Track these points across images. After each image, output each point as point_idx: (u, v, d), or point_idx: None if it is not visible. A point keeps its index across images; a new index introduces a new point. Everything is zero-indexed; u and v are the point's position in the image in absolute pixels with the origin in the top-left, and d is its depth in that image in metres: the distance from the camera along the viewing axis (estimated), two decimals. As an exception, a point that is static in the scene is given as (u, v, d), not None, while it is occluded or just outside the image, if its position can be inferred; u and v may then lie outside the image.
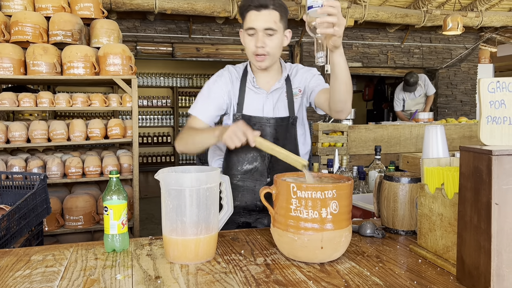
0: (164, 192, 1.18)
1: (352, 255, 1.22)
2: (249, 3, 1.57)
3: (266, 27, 1.57)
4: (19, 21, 3.27)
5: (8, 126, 3.29)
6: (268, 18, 1.56)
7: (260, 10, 1.56)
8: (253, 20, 1.57)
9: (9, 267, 1.15)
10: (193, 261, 1.16)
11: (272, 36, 1.59)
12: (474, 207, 0.95)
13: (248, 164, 1.70)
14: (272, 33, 1.58)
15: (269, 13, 1.56)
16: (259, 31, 1.57)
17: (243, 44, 1.67)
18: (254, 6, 1.56)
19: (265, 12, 1.56)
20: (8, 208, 2.03)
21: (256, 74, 1.72)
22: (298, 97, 1.76)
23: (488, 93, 0.97)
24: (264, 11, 1.56)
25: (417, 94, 6.28)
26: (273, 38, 1.60)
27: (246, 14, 1.59)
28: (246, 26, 1.59)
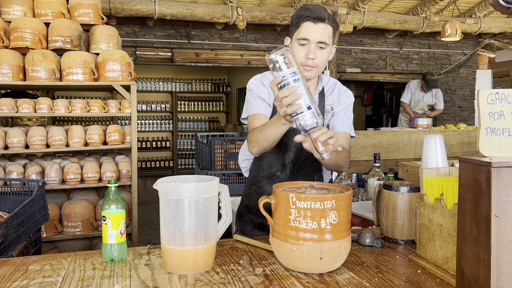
0: (163, 202, 1.17)
1: (351, 265, 1.22)
2: (307, 14, 1.60)
3: (320, 40, 1.60)
4: (18, 27, 3.27)
5: (7, 132, 3.29)
6: (323, 31, 1.60)
7: (317, 23, 1.59)
8: (309, 32, 1.60)
9: (6, 277, 1.14)
10: (192, 272, 1.16)
11: (323, 49, 1.63)
12: (474, 218, 0.95)
13: (272, 170, 1.76)
14: (324, 46, 1.62)
15: (325, 27, 1.60)
16: (312, 43, 1.61)
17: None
18: (312, 18, 1.59)
19: (321, 26, 1.60)
20: (6, 215, 2.02)
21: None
22: (329, 114, 1.80)
23: (487, 104, 0.97)
24: (320, 24, 1.60)
25: (425, 98, 6.30)
26: (324, 52, 1.64)
27: (301, 23, 1.61)
28: (300, 36, 1.61)
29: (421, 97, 6.30)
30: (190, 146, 9.98)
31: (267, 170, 1.76)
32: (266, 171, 1.77)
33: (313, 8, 1.60)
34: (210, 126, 10.24)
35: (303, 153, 1.68)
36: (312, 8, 1.60)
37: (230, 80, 10.74)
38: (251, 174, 1.85)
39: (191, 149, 9.95)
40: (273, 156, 1.75)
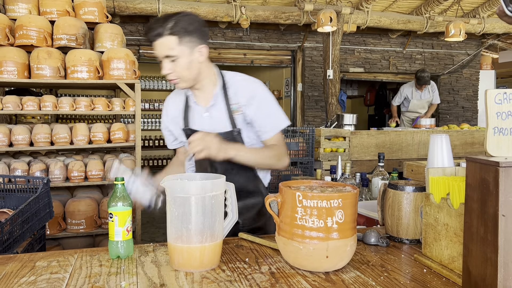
0: (170, 200, 1.18)
1: (357, 264, 1.22)
2: (148, 36, 1.61)
3: (165, 55, 1.60)
4: (23, 25, 3.28)
5: (11, 129, 3.30)
6: (163, 46, 1.58)
7: (157, 39, 1.58)
8: (155, 50, 1.61)
9: (14, 273, 1.15)
10: (198, 269, 1.16)
11: (175, 61, 1.60)
12: (481, 218, 0.95)
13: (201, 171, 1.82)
14: (173, 58, 1.60)
15: (164, 41, 1.58)
16: (161, 58, 1.61)
17: None
18: (152, 38, 1.59)
19: (161, 41, 1.58)
20: (11, 212, 2.03)
21: (194, 92, 1.76)
22: (239, 114, 1.72)
23: (495, 104, 0.97)
24: (159, 39, 1.58)
25: (423, 96, 6.28)
26: (178, 63, 1.61)
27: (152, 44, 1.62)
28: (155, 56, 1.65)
29: (418, 96, 6.28)
30: (193, 145, 9.97)
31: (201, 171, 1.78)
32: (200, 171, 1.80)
33: (151, 26, 1.60)
34: (213, 125, 10.25)
35: None
36: (151, 26, 1.60)
37: (233, 79, 10.74)
38: None
39: (194, 147, 9.94)
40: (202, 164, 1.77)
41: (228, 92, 1.72)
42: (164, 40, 1.57)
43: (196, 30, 1.62)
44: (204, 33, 1.66)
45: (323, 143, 4.52)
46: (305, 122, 7.43)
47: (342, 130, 4.68)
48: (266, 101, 1.73)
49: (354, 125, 5.20)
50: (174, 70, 1.62)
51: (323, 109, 7.28)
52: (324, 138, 4.57)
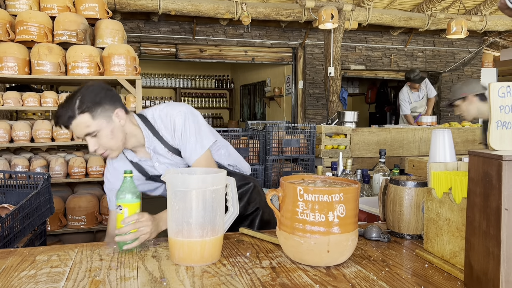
0: (171, 194, 1.17)
1: (358, 259, 1.22)
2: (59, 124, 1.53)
3: (84, 134, 1.53)
4: (24, 20, 3.27)
5: (12, 125, 3.29)
6: (80, 127, 1.52)
7: (71, 123, 1.51)
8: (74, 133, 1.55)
9: (14, 267, 1.15)
10: (199, 263, 1.16)
11: (97, 135, 1.54)
12: (483, 212, 0.94)
13: None
14: (94, 134, 1.54)
15: (78, 122, 1.51)
16: (83, 137, 1.54)
17: None
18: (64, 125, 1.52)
19: (75, 123, 1.51)
20: (11, 207, 2.02)
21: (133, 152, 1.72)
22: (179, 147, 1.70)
23: (498, 97, 0.97)
24: (73, 122, 1.51)
25: (420, 95, 6.25)
26: (100, 137, 1.55)
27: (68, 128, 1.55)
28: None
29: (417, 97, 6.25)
30: (194, 142, 9.97)
31: None
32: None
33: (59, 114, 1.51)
34: (214, 122, 10.24)
35: None
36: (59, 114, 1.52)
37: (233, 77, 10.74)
38: None
39: (194, 145, 9.94)
40: None
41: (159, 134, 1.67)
42: (78, 121, 1.50)
43: (104, 97, 1.55)
44: (114, 97, 1.60)
45: (324, 140, 4.52)
46: (306, 120, 7.42)
47: (343, 127, 4.68)
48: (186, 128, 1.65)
49: (355, 122, 5.19)
50: (99, 144, 1.56)
51: (324, 106, 7.26)
52: (325, 135, 4.57)
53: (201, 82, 10.11)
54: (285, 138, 3.96)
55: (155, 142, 1.67)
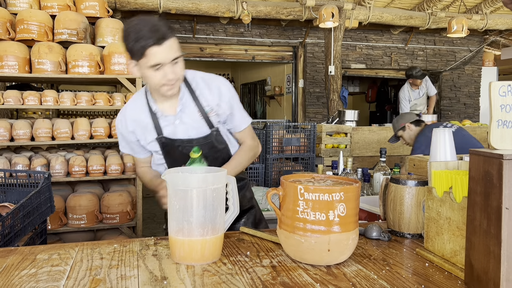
0: (171, 193, 1.17)
1: (358, 258, 1.22)
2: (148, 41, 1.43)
3: (172, 57, 1.48)
4: (24, 19, 3.28)
5: (13, 124, 3.30)
6: (171, 49, 1.48)
7: (162, 44, 1.45)
8: (157, 56, 1.46)
9: (15, 265, 1.15)
10: (199, 262, 1.16)
11: (178, 62, 1.52)
12: (484, 211, 0.94)
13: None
14: (178, 60, 1.52)
15: (170, 43, 1.47)
16: (166, 64, 1.49)
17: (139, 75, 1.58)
18: (154, 43, 1.44)
19: (167, 44, 1.46)
20: (12, 206, 2.03)
21: (159, 102, 1.66)
22: (213, 114, 1.68)
23: (499, 96, 0.97)
24: (166, 43, 1.46)
25: (421, 93, 6.24)
26: (179, 64, 1.53)
27: (146, 51, 1.45)
28: (151, 63, 1.47)
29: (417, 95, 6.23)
30: (194, 141, 9.97)
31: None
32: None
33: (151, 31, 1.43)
34: (214, 121, 10.23)
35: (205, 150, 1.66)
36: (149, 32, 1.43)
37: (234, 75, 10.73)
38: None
39: (195, 144, 9.94)
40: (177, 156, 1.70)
41: (195, 93, 1.66)
42: (170, 42, 1.46)
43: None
44: None
45: (324, 139, 4.52)
46: (306, 119, 7.42)
47: (344, 126, 4.68)
48: (233, 97, 1.71)
49: (355, 121, 5.19)
50: (176, 73, 1.52)
51: (324, 105, 7.26)
52: (326, 134, 4.57)
53: (201, 81, 10.08)
54: (285, 137, 3.96)
55: (188, 99, 1.65)
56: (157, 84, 1.52)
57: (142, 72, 1.52)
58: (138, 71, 1.54)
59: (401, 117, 3.54)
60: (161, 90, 1.55)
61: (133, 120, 1.70)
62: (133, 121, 1.69)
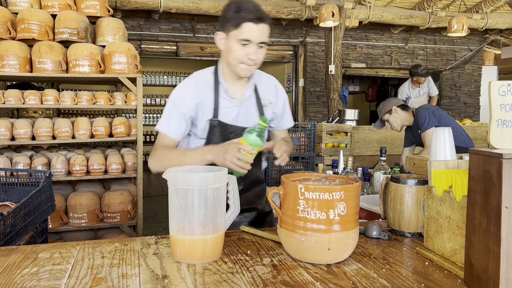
0: (172, 192, 1.18)
1: (358, 257, 1.22)
2: (249, 15, 1.54)
3: (261, 40, 1.59)
4: (25, 18, 3.28)
5: (13, 123, 3.30)
6: (263, 32, 1.58)
7: (258, 24, 1.56)
8: (250, 33, 1.56)
9: (17, 264, 1.15)
10: (200, 261, 1.16)
11: (262, 48, 1.62)
12: (484, 210, 0.95)
13: None
14: (263, 46, 1.61)
15: (265, 27, 1.58)
16: (254, 43, 1.58)
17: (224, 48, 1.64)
18: (254, 19, 1.54)
19: (262, 26, 1.57)
20: (13, 205, 2.03)
21: (229, 83, 1.71)
22: (269, 108, 1.78)
23: (499, 96, 0.97)
24: (261, 24, 1.57)
25: (421, 92, 6.24)
26: (263, 50, 1.63)
27: (242, 24, 1.55)
28: (242, 37, 1.56)
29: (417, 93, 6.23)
30: (194, 140, 9.98)
31: None
32: None
33: (253, 9, 1.55)
34: (214, 120, 10.23)
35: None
36: (252, 8, 1.55)
37: (234, 75, 10.72)
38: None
39: (195, 143, 9.95)
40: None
41: (258, 86, 1.77)
42: (265, 26, 1.58)
43: None
44: None
45: (324, 138, 4.52)
46: (306, 118, 7.42)
47: (344, 125, 4.68)
48: (286, 97, 1.89)
49: (356, 120, 5.20)
50: (257, 57, 1.61)
51: (324, 104, 7.26)
52: (326, 133, 4.57)
53: (201, 80, 10.08)
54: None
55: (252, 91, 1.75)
56: (238, 60, 1.59)
57: (229, 44, 1.60)
58: (223, 44, 1.63)
59: (388, 101, 3.44)
60: (237, 67, 1.62)
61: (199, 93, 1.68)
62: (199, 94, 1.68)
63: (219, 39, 1.64)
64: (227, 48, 1.62)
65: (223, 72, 1.71)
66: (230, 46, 1.60)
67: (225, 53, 1.65)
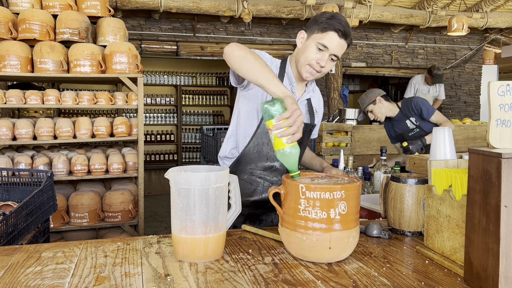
0: (174, 191, 1.19)
1: (359, 256, 1.23)
2: (338, 26, 1.63)
3: (336, 53, 1.67)
4: (26, 19, 3.29)
5: (15, 123, 3.31)
6: (342, 48, 1.68)
7: (341, 38, 1.65)
8: (331, 42, 1.65)
9: (20, 263, 1.16)
10: (202, 260, 1.17)
11: (333, 61, 1.71)
12: (483, 209, 0.96)
13: (270, 162, 1.75)
14: (335, 59, 1.70)
15: (345, 44, 1.68)
16: (329, 53, 1.66)
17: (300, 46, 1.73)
18: (340, 32, 1.64)
19: (343, 42, 1.66)
20: (15, 204, 2.04)
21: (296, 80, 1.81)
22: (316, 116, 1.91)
23: (498, 96, 0.98)
24: (343, 40, 1.66)
25: (430, 91, 6.27)
26: (332, 63, 1.72)
27: (329, 31, 1.64)
28: (322, 42, 1.65)
29: (426, 90, 6.26)
30: (195, 140, 10.00)
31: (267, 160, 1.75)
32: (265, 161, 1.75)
33: (344, 24, 1.65)
34: (215, 120, 10.25)
35: None
36: (343, 22, 1.65)
37: (234, 74, 10.72)
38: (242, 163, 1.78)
39: (196, 142, 9.98)
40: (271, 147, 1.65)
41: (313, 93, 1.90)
42: (345, 44, 1.68)
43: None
44: None
45: (325, 138, 4.53)
46: (307, 117, 7.43)
47: (344, 125, 4.69)
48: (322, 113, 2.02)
49: (356, 119, 5.20)
50: (325, 67, 1.69)
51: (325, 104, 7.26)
52: (326, 132, 4.58)
53: (202, 79, 10.11)
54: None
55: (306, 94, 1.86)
56: (309, 60, 1.68)
57: (307, 44, 1.69)
58: (301, 42, 1.73)
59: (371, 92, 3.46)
60: (304, 67, 1.71)
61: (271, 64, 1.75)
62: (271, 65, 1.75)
63: (300, 37, 1.74)
64: (303, 47, 1.71)
65: (290, 69, 1.80)
66: (307, 46, 1.69)
67: (299, 52, 1.73)
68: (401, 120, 3.42)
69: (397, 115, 3.42)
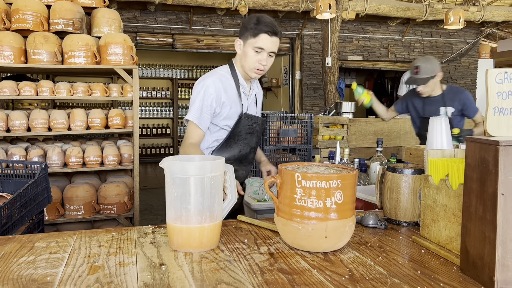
0: (169, 180, 1.18)
1: (355, 245, 1.23)
2: (266, 28, 1.84)
3: (272, 50, 1.89)
4: (19, 9, 3.25)
5: (9, 114, 3.28)
6: (276, 44, 1.89)
7: (272, 36, 1.86)
8: (265, 43, 1.86)
9: (13, 253, 1.15)
10: (197, 249, 1.16)
11: (272, 57, 1.93)
12: (480, 197, 0.95)
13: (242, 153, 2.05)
14: (273, 55, 1.92)
15: (277, 40, 1.89)
16: (266, 52, 1.88)
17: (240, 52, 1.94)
18: (269, 32, 1.85)
19: (275, 39, 1.88)
20: (9, 196, 2.02)
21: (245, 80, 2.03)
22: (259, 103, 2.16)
23: (496, 84, 0.97)
24: (274, 37, 1.87)
25: None
26: (272, 59, 1.94)
27: (260, 34, 1.85)
28: (257, 45, 1.86)
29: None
30: (191, 133, 9.96)
31: (237, 154, 2.02)
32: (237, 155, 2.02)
33: (270, 23, 1.85)
34: (211, 113, 10.20)
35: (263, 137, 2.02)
36: (269, 23, 1.85)
37: (231, 67, 10.68)
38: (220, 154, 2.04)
39: (192, 136, 9.93)
40: (242, 142, 2.01)
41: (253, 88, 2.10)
42: (277, 40, 1.89)
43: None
44: None
45: (321, 131, 4.52)
46: (303, 110, 7.42)
47: (341, 118, 4.68)
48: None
49: (352, 113, 5.20)
50: (267, 64, 1.91)
51: (321, 97, 7.26)
52: (323, 125, 4.57)
53: (198, 72, 10.06)
54: (282, 128, 3.96)
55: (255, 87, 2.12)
56: (251, 64, 1.90)
57: (245, 50, 1.90)
58: (240, 49, 1.93)
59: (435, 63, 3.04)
60: (251, 71, 1.93)
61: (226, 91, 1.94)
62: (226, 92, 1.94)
63: (237, 44, 1.94)
64: (243, 53, 1.92)
65: (239, 72, 1.99)
66: (246, 52, 1.89)
67: (241, 58, 1.94)
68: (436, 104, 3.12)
69: (437, 96, 3.13)
